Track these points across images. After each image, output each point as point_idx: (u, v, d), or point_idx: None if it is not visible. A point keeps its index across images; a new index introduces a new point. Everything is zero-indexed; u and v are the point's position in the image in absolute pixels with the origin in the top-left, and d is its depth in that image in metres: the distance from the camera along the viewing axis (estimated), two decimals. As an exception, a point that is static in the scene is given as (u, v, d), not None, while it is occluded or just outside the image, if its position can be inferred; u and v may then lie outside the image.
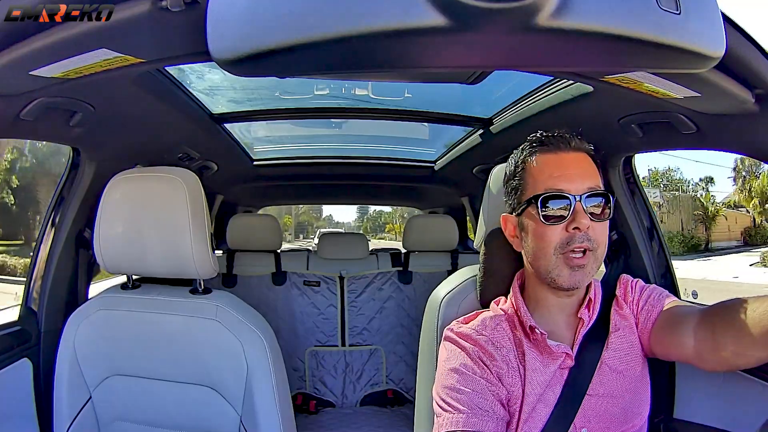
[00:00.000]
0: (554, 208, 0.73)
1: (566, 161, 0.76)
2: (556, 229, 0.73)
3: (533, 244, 0.76)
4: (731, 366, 0.72)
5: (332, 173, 2.32)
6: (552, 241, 0.73)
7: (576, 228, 0.72)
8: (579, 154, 0.77)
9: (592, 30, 0.47)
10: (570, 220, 0.72)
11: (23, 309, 1.16)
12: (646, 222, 1.22)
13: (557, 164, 0.75)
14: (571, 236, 0.72)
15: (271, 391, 0.94)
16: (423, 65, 0.54)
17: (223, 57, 0.48)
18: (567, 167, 0.75)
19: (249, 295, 2.10)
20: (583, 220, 0.72)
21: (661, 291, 0.82)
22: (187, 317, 0.98)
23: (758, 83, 0.70)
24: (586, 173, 0.75)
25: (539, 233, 0.75)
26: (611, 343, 0.78)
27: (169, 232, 0.95)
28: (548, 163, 0.76)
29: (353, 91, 1.57)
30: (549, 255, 0.74)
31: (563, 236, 0.73)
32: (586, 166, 0.76)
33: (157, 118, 1.22)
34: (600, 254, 0.74)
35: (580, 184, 0.73)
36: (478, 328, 0.80)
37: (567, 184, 0.73)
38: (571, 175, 0.74)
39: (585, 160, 0.77)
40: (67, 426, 1.00)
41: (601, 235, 0.74)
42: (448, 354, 0.79)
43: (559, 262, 0.73)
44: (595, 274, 0.81)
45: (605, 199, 0.75)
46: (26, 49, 0.62)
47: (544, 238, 0.74)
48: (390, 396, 2.22)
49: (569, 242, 0.72)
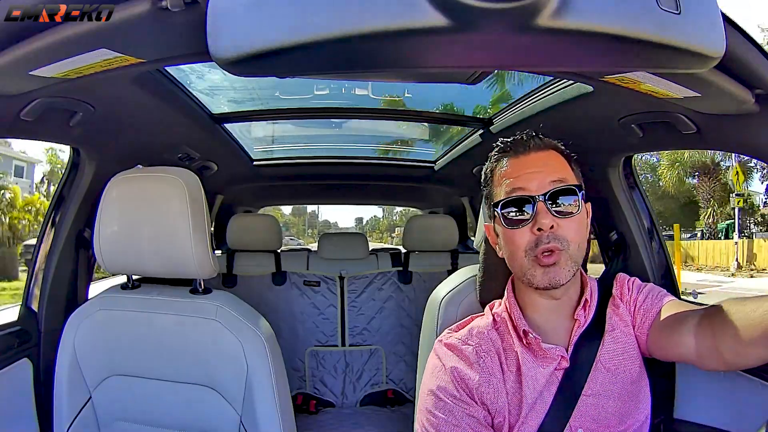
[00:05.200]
0: (515, 211, 0.74)
1: (526, 163, 0.76)
2: (524, 232, 0.73)
3: (505, 248, 0.77)
4: (731, 366, 0.72)
5: (332, 173, 2.32)
6: (521, 245, 0.74)
7: (540, 229, 0.72)
8: (541, 153, 0.77)
9: (592, 30, 0.47)
10: (533, 222, 0.72)
11: (23, 309, 1.15)
12: (646, 222, 1.22)
13: (516, 167, 0.76)
14: (538, 238, 0.72)
15: (271, 391, 0.94)
16: (423, 65, 0.54)
17: (223, 57, 0.48)
18: (526, 168, 0.75)
19: (249, 295, 2.09)
20: (544, 220, 0.71)
21: (659, 290, 0.82)
22: (187, 317, 0.98)
23: (758, 83, 0.70)
24: (548, 170, 0.74)
25: (508, 238, 0.76)
26: (607, 342, 0.78)
27: (169, 232, 0.95)
28: (509, 167, 0.77)
29: (353, 91, 1.57)
30: (521, 258, 0.74)
31: (531, 238, 0.73)
32: (549, 163, 0.76)
33: (157, 118, 1.22)
34: (574, 251, 0.73)
35: (540, 183, 0.73)
36: (465, 338, 0.81)
37: (526, 184, 0.73)
38: (530, 175, 0.74)
39: (548, 158, 0.76)
40: (67, 426, 1.00)
41: (572, 232, 0.73)
42: (432, 370, 0.80)
43: (532, 263, 0.73)
44: (590, 273, 0.81)
45: (571, 194, 0.74)
46: (26, 49, 0.62)
47: (513, 242, 0.75)
48: (390, 396, 2.22)
49: (537, 244, 0.72)
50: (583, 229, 0.76)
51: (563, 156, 0.78)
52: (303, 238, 29.01)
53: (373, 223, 30.35)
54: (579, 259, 0.75)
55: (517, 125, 1.40)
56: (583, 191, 0.76)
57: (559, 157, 0.78)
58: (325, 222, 32.89)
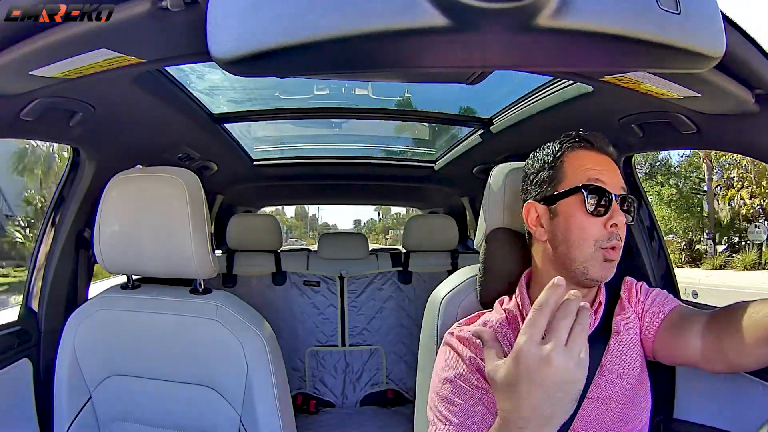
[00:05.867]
0: (596, 201, 0.75)
1: (604, 160, 0.78)
2: (597, 222, 0.74)
3: (571, 233, 0.76)
4: (737, 368, 0.72)
5: (332, 173, 2.32)
6: (592, 234, 0.74)
7: (614, 225, 0.74)
8: (611, 158, 0.79)
9: (592, 30, 0.47)
10: (609, 216, 0.74)
11: (23, 309, 1.15)
12: (646, 222, 1.22)
13: (597, 162, 0.77)
14: (610, 233, 0.74)
15: (271, 391, 0.94)
16: (423, 65, 0.54)
17: (223, 57, 0.48)
18: (606, 166, 0.77)
19: (249, 295, 2.10)
20: (620, 217, 0.74)
21: (666, 294, 0.82)
22: (187, 317, 0.98)
23: (758, 83, 0.70)
24: (618, 175, 0.78)
25: (580, 224, 0.75)
26: (612, 346, 0.78)
27: (169, 232, 0.95)
28: (589, 158, 0.78)
29: (353, 91, 1.57)
30: (588, 246, 0.74)
31: (603, 232, 0.74)
32: (617, 169, 0.79)
33: (157, 118, 1.22)
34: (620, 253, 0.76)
35: (616, 184, 0.76)
36: None
37: (608, 180, 0.75)
38: (610, 173, 0.76)
39: (614, 165, 0.79)
40: (67, 426, 1.00)
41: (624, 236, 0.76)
42: (446, 361, 0.79)
43: (597, 254, 0.74)
44: None
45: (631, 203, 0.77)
46: (26, 49, 0.62)
47: (585, 230, 0.75)
48: (390, 396, 2.22)
49: (609, 238, 0.74)
50: None
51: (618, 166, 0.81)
52: (305, 240, 29.48)
53: (369, 225, 30.88)
54: None
55: (517, 125, 1.40)
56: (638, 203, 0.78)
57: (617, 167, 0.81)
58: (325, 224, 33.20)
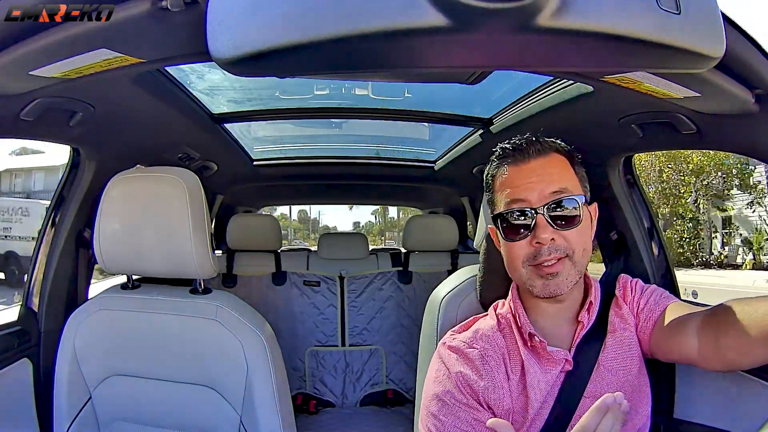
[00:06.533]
0: (515, 224, 0.72)
1: (525, 171, 0.74)
2: (522, 244, 0.72)
3: (506, 259, 0.77)
4: (733, 366, 0.72)
5: (332, 173, 2.32)
6: (519, 256, 0.73)
7: (538, 242, 0.71)
8: (541, 160, 0.74)
9: (592, 30, 0.47)
10: (532, 236, 0.71)
11: (23, 309, 1.15)
12: (646, 222, 1.22)
13: (516, 176, 0.74)
14: (536, 250, 0.71)
15: (271, 391, 0.94)
16: (423, 65, 0.54)
17: (223, 57, 0.48)
18: (526, 177, 0.73)
19: (249, 295, 2.10)
20: (544, 234, 0.70)
21: (662, 292, 0.82)
22: (187, 317, 0.98)
23: (758, 83, 0.70)
24: (549, 179, 0.72)
25: (507, 249, 0.75)
26: (609, 344, 0.77)
27: (169, 232, 0.95)
28: (509, 175, 0.75)
29: (353, 91, 1.57)
30: (519, 268, 0.73)
31: (529, 250, 0.72)
32: (550, 171, 0.74)
33: (157, 118, 1.22)
34: (579, 258, 0.72)
35: (542, 192, 0.71)
36: (470, 341, 0.80)
37: (527, 195, 0.72)
38: (530, 185, 0.72)
39: (549, 164, 0.74)
40: (67, 426, 1.00)
41: (575, 240, 0.72)
42: (436, 374, 0.79)
43: (531, 274, 0.72)
44: (593, 275, 0.81)
45: (574, 203, 0.72)
46: (26, 49, 0.62)
47: (512, 253, 0.74)
48: (390, 396, 2.22)
49: (536, 256, 0.71)
50: (586, 233, 0.74)
51: (566, 158, 0.76)
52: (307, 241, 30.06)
53: (368, 227, 31.57)
54: (584, 264, 0.74)
55: (517, 125, 1.40)
56: (587, 195, 0.74)
57: (561, 161, 0.75)
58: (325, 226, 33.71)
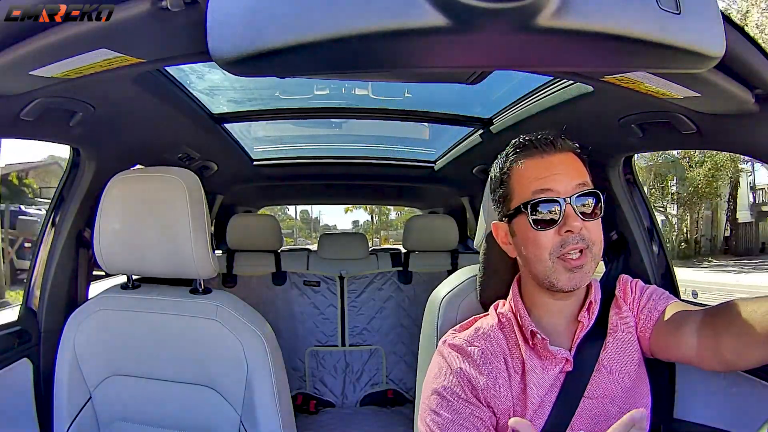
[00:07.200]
0: (544, 213, 0.72)
1: (552, 163, 0.74)
2: (549, 234, 0.72)
3: (527, 250, 0.76)
4: (732, 366, 0.72)
5: (332, 173, 2.32)
6: (546, 246, 0.72)
7: (568, 231, 0.71)
8: (565, 155, 0.75)
9: (592, 30, 0.47)
10: (561, 224, 0.71)
11: (23, 309, 1.15)
12: (646, 222, 1.22)
13: (543, 167, 0.74)
14: (564, 239, 0.71)
15: (271, 391, 0.94)
16: (423, 65, 0.54)
17: (223, 57, 0.48)
18: (553, 169, 0.74)
19: (249, 295, 2.10)
20: (574, 222, 0.70)
21: (662, 292, 0.82)
22: (187, 317, 0.98)
23: (758, 83, 0.70)
24: (573, 172, 0.74)
25: (532, 239, 0.74)
26: (609, 344, 0.77)
27: (169, 232, 0.95)
28: (534, 166, 0.75)
29: (353, 91, 1.57)
30: (545, 260, 0.73)
31: (556, 240, 0.72)
32: (573, 166, 0.75)
33: (157, 118, 1.22)
34: (597, 252, 0.73)
35: (568, 185, 0.72)
36: (471, 339, 0.79)
37: (555, 186, 0.72)
38: (559, 176, 0.73)
39: (571, 160, 0.75)
40: (67, 426, 1.00)
41: (595, 233, 0.73)
42: (437, 371, 0.79)
43: (557, 266, 0.72)
44: (594, 274, 0.81)
45: (595, 198, 0.73)
46: (26, 49, 0.62)
47: (538, 244, 0.73)
48: (390, 396, 2.22)
49: (563, 245, 0.71)
50: (601, 231, 0.75)
51: (581, 159, 0.77)
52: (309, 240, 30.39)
53: (365, 227, 32.23)
54: (599, 259, 0.75)
55: (517, 125, 1.40)
56: (605, 195, 0.75)
57: (578, 161, 0.76)
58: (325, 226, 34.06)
